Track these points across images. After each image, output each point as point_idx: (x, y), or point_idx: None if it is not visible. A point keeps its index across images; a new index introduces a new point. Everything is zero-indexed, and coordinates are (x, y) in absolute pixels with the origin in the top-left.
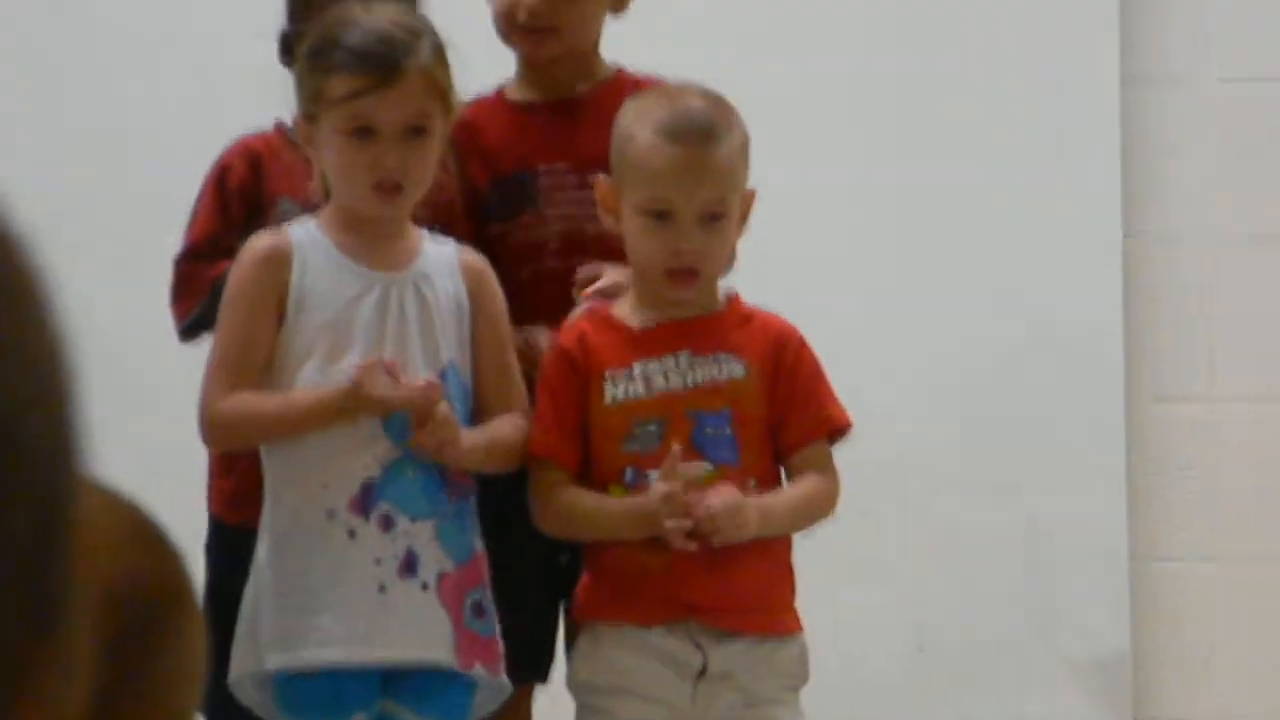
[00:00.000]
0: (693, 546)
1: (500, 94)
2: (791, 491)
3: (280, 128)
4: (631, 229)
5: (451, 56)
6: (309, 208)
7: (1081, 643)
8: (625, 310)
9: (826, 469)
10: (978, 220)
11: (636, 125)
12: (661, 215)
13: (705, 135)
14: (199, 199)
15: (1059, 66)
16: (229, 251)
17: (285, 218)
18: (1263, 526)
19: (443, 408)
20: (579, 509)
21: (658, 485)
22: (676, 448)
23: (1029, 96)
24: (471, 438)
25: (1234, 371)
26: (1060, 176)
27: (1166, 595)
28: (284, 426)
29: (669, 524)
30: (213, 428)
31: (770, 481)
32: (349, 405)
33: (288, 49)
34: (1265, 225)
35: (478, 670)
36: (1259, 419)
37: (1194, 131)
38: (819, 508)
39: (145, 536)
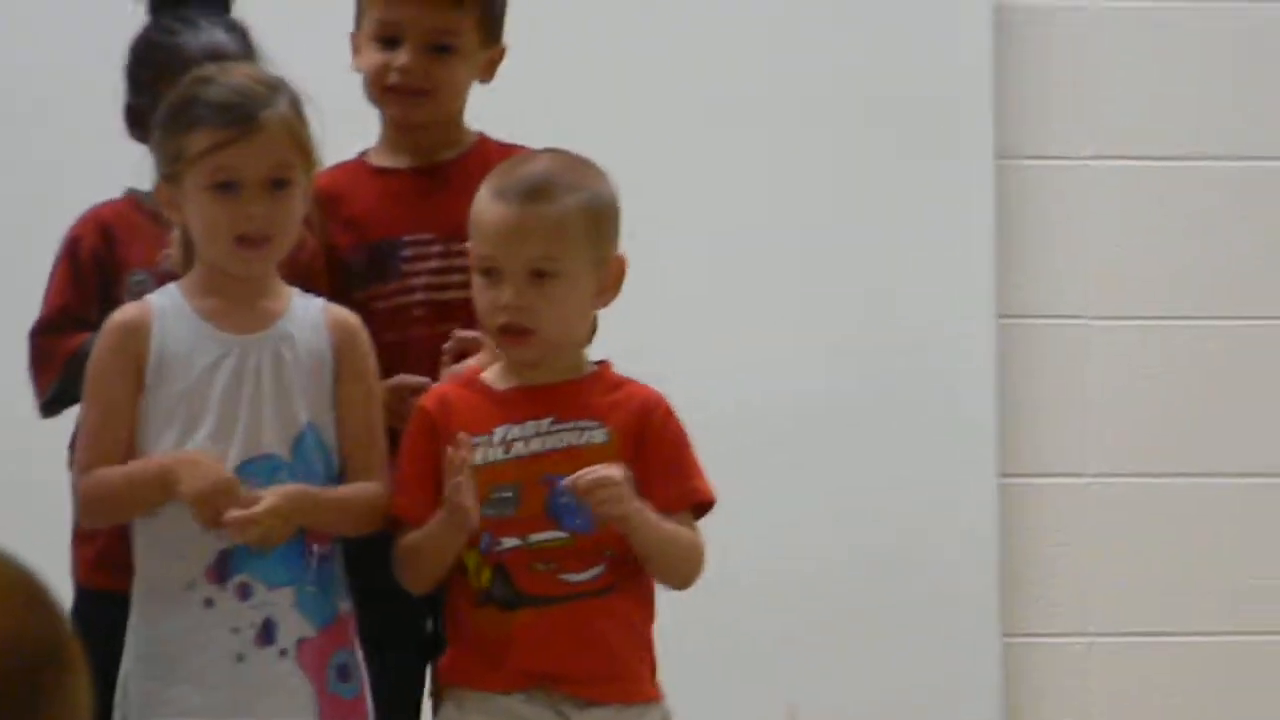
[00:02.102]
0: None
1: (362, 160)
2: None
3: (131, 197)
4: (474, 288)
5: (310, 113)
6: (161, 278)
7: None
8: (492, 375)
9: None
10: (854, 295)
11: (482, 187)
12: (490, 272)
13: (533, 193)
14: (52, 272)
15: (935, 144)
16: (84, 323)
17: (138, 288)
18: (1134, 603)
19: (242, 493)
20: (409, 542)
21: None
22: (462, 434)
23: (904, 173)
24: (326, 496)
25: (1107, 449)
26: (935, 254)
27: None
28: (129, 498)
29: (449, 485)
30: (80, 506)
31: (628, 551)
32: (187, 500)
33: (135, 121)
34: (1133, 306)
35: None
36: (1132, 495)
37: (1067, 209)
38: (691, 551)
39: (25, 593)
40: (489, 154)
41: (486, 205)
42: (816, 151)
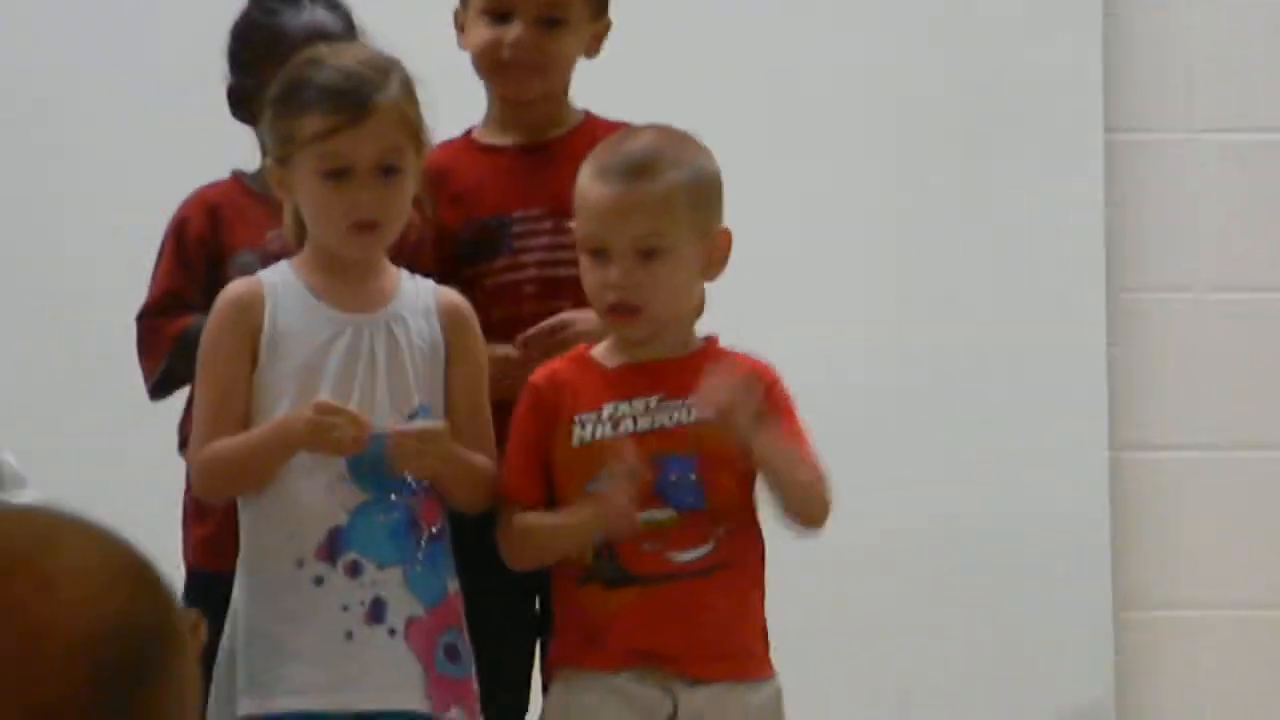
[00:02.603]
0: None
1: (469, 137)
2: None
3: (237, 178)
4: (581, 268)
5: (421, 94)
6: (267, 258)
7: (1064, 694)
8: (602, 351)
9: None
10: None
11: (585, 166)
12: (597, 252)
13: (636, 171)
14: (159, 254)
15: (1044, 119)
16: (190, 306)
17: (244, 269)
18: (1242, 573)
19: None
20: (531, 525)
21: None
22: (628, 442)
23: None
24: (463, 452)
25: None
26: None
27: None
28: (243, 468)
29: (608, 474)
30: (197, 480)
31: (743, 527)
32: (301, 441)
33: (238, 102)
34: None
35: (453, 713)
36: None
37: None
38: (820, 485)
39: (134, 574)
40: (596, 131)
41: (590, 184)
42: (927, 133)
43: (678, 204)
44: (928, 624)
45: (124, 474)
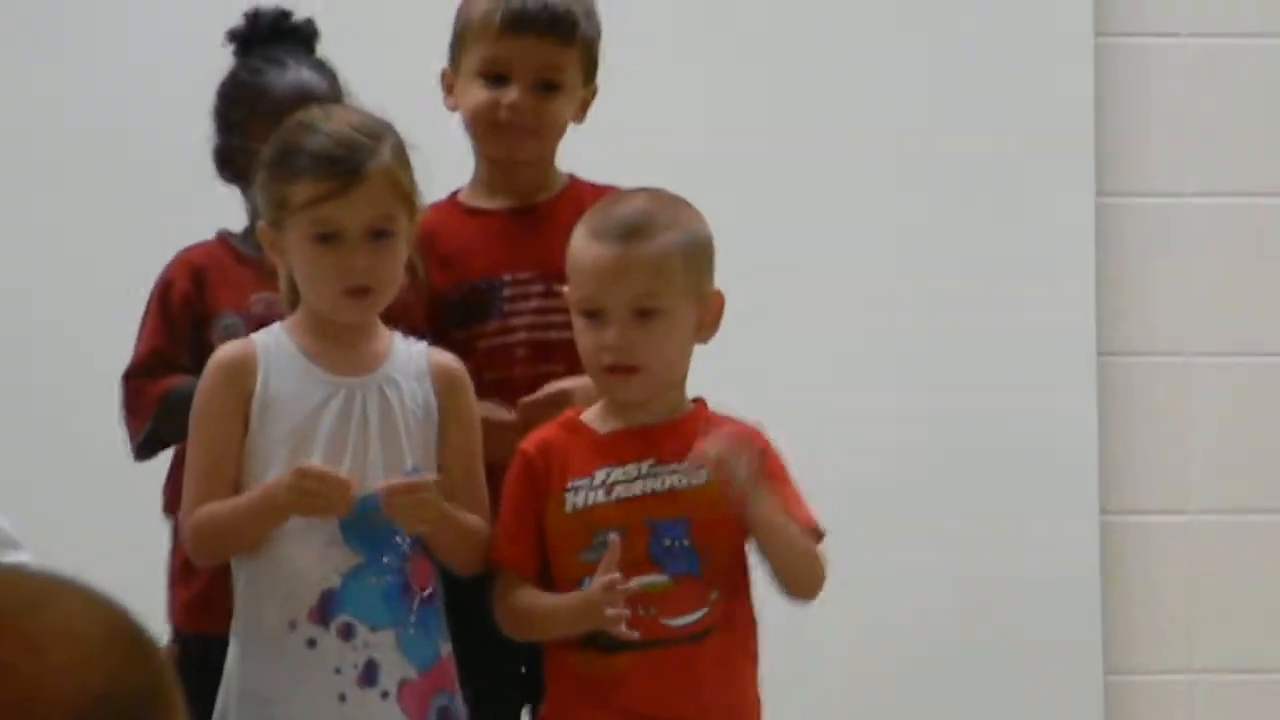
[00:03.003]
0: (634, 635)
1: (455, 200)
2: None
3: (222, 239)
4: (576, 330)
5: (414, 158)
6: (251, 321)
7: None
8: (593, 416)
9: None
10: (952, 331)
11: (578, 229)
12: (593, 314)
13: (631, 233)
14: (144, 315)
15: (1034, 181)
16: (175, 367)
17: (227, 332)
18: (1236, 634)
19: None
20: (530, 607)
21: (599, 577)
22: (614, 537)
23: (1005, 209)
24: (457, 514)
25: (1210, 486)
26: (1036, 292)
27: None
28: (239, 528)
29: (609, 612)
30: (189, 543)
31: (737, 592)
32: (286, 507)
33: (224, 162)
34: (1233, 343)
35: None
36: (1234, 532)
37: (1168, 246)
38: (814, 554)
39: (126, 636)
40: (582, 194)
41: (585, 246)
42: (913, 194)
43: (673, 265)
44: (919, 691)
45: (109, 536)
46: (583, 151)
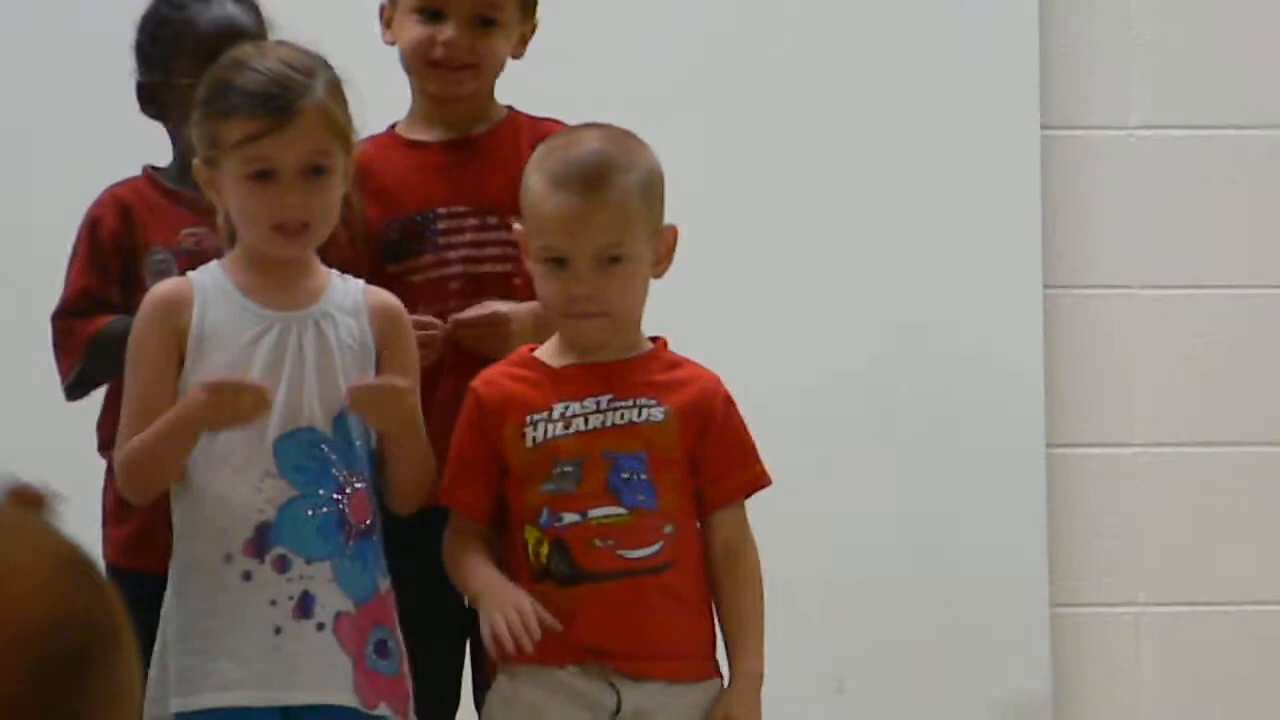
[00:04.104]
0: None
1: (393, 132)
2: (752, 619)
3: (149, 175)
4: (536, 275)
5: (349, 93)
6: (181, 256)
7: (1003, 689)
8: (547, 352)
9: (743, 533)
10: (899, 267)
11: (533, 173)
12: (557, 262)
13: (592, 181)
14: (72, 254)
15: (981, 113)
16: (105, 305)
17: (158, 268)
18: (1182, 570)
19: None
20: (466, 572)
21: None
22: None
23: (951, 148)
24: (419, 414)
25: (1154, 420)
26: (983, 228)
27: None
28: (157, 453)
29: (485, 630)
30: (121, 480)
31: (689, 527)
32: (199, 418)
33: (147, 97)
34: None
35: (382, 709)
36: (1178, 464)
37: (1112, 181)
38: (759, 589)
39: (76, 568)
40: (519, 127)
41: (545, 194)
42: (860, 128)
43: (635, 210)
44: (864, 623)
45: (42, 475)
46: (525, 84)
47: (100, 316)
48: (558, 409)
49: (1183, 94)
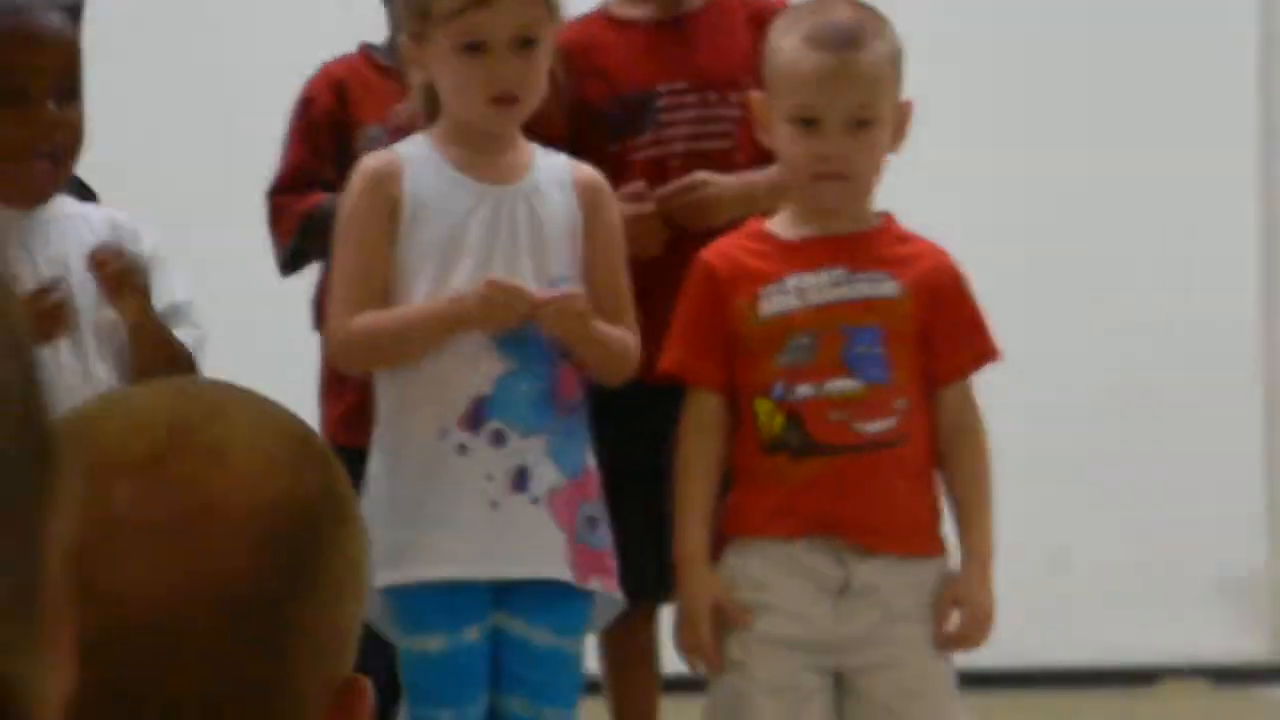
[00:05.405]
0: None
1: (605, 12)
2: (981, 496)
3: (364, 52)
4: (781, 138)
5: None
6: (394, 132)
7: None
8: (779, 224)
9: (972, 408)
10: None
11: (784, 36)
12: (808, 122)
13: (850, 41)
14: (286, 131)
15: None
16: (318, 183)
17: (371, 144)
18: None
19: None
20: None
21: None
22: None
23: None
24: (598, 329)
25: None
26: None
27: None
28: (404, 342)
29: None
30: (340, 352)
31: (920, 403)
32: (473, 319)
33: None
34: None
35: (593, 583)
36: None
37: None
38: (987, 465)
39: (302, 443)
40: (733, 4)
41: (803, 54)
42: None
43: (886, 75)
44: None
45: (257, 351)
46: None
47: (314, 193)
48: (791, 281)
49: None
